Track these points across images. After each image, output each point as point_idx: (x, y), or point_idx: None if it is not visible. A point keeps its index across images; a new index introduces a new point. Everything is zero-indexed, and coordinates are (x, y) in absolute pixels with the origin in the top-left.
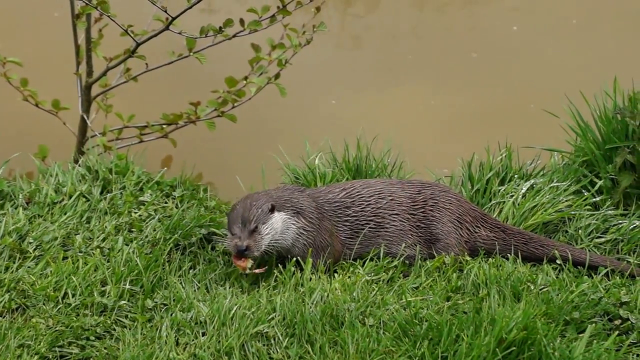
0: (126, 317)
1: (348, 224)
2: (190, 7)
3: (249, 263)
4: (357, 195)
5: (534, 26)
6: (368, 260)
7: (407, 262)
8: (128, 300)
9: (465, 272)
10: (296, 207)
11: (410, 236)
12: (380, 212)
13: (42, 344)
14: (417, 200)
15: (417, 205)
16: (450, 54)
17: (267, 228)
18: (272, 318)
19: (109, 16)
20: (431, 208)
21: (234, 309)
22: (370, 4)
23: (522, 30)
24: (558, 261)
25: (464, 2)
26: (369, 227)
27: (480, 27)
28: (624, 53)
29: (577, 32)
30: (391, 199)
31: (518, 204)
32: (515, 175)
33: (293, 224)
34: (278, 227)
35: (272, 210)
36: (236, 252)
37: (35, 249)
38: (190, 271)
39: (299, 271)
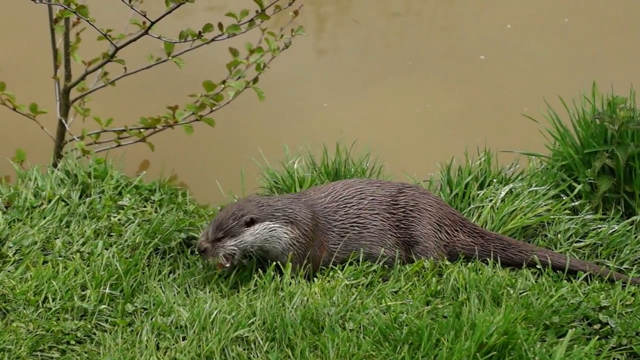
0: (106, 321)
1: (336, 229)
2: (169, 12)
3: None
4: (340, 198)
5: (519, 29)
6: (347, 264)
7: (386, 265)
8: (108, 305)
9: (444, 276)
10: (290, 217)
11: (390, 236)
12: (363, 213)
13: (22, 348)
14: (398, 200)
15: (398, 204)
16: (431, 58)
17: (235, 241)
18: (253, 322)
19: (87, 20)
20: (411, 209)
21: (214, 313)
22: (351, 9)
23: (506, 33)
24: (538, 266)
25: (449, 4)
26: (353, 230)
27: (464, 31)
28: (606, 56)
29: (563, 35)
30: (372, 199)
31: (497, 209)
32: (494, 180)
33: (286, 233)
34: (252, 239)
35: (249, 223)
36: (196, 249)
37: (15, 253)
38: (170, 275)
39: (278, 275)
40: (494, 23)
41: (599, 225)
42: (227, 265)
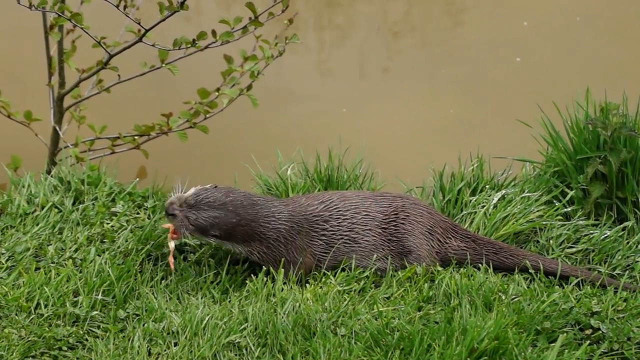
0: (98, 327)
1: (324, 238)
2: (164, 20)
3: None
4: (335, 209)
5: (520, 31)
6: (340, 270)
7: (378, 273)
8: (100, 311)
9: (436, 282)
10: (255, 237)
11: (382, 250)
12: (355, 228)
13: (14, 354)
14: (389, 213)
15: (389, 218)
16: (425, 63)
17: (200, 236)
18: (244, 328)
19: (82, 28)
20: (402, 221)
21: (206, 319)
22: (345, 17)
23: (504, 37)
24: (530, 271)
25: (441, 11)
26: (343, 242)
27: (456, 36)
28: (603, 60)
29: (564, 37)
30: (365, 214)
31: (489, 215)
32: (487, 186)
33: (239, 249)
34: (211, 242)
35: (216, 236)
36: (165, 207)
37: (7, 260)
38: (162, 281)
39: (270, 281)
40: (491, 28)
41: (591, 231)
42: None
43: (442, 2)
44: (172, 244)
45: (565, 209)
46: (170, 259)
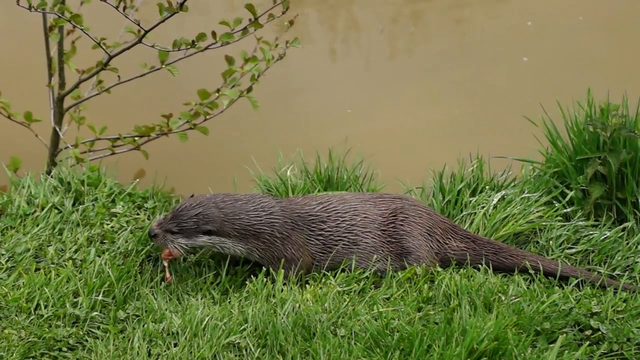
0: (98, 328)
1: (322, 238)
2: (163, 21)
3: (165, 264)
4: (334, 210)
5: (521, 31)
6: (339, 271)
7: (378, 274)
8: (100, 312)
9: (436, 282)
10: (250, 232)
11: (381, 252)
12: (354, 230)
13: (14, 355)
14: (388, 215)
15: (388, 220)
16: (426, 64)
17: (186, 241)
18: (244, 329)
19: (81, 29)
20: (402, 222)
21: (206, 319)
22: (347, 21)
23: (505, 37)
24: (530, 271)
25: (441, 12)
26: (342, 244)
27: (458, 36)
28: (603, 61)
29: (568, 37)
30: (365, 217)
31: (489, 215)
32: (487, 187)
33: (240, 248)
34: (204, 244)
35: (207, 233)
36: (147, 230)
37: (7, 261)
38: (162, 282)
39: (270, 282)
40: (494, 28)
41: (591, 232)
42: (174, 256)
43: (445, 2)
44: (165, 263)
45: (565, 210)
46: (167, 275)
